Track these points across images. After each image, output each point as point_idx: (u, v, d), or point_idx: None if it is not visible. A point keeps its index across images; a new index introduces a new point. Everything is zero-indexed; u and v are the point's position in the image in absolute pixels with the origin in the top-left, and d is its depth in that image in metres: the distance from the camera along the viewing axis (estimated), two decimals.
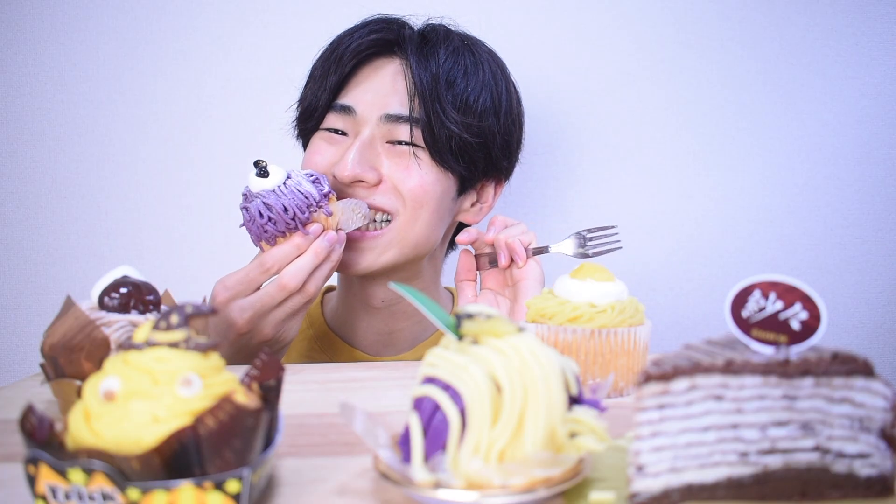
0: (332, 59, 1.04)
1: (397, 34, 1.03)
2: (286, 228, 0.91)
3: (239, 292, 0.92)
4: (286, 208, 0.90)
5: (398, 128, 1.00)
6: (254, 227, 0.92)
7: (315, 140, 1.05)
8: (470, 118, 1.00)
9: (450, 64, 1.01)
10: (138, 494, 0.43)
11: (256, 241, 0.94)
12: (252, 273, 0.92)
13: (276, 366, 0.51)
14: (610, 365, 0.72)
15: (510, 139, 1.07)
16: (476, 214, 1.12)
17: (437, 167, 1.01)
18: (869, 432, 0.48)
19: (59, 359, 0.65)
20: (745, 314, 0.49)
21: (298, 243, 0.92)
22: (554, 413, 0.48)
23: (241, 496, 0.44)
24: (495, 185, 1.12)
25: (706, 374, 0.47)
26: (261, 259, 0.92)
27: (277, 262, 0.91)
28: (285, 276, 0.91)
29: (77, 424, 0.46)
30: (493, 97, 1.04)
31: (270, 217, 0.90)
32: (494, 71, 1.05)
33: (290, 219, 0.91)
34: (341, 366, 0.92)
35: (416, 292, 0.54)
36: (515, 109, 1.08)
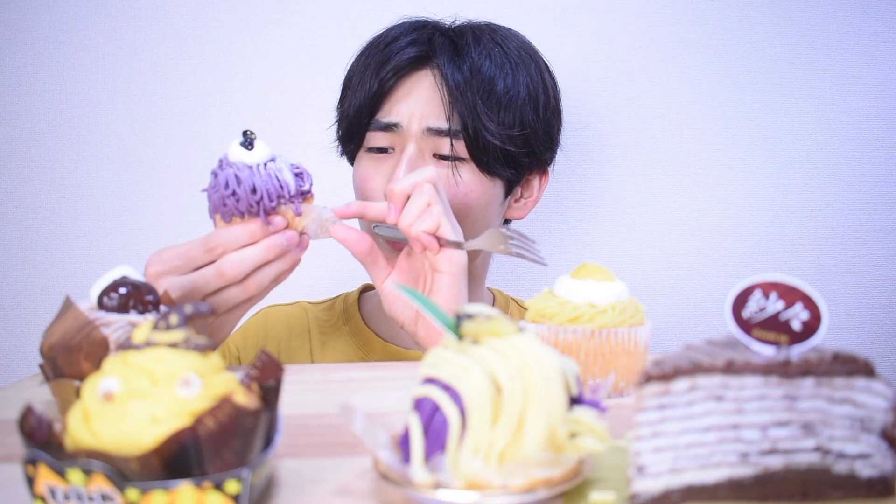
0: (368, 73, 1.03)
1: (428, 45, 1.02)
2: (247, 210, 0.81)
3: (174, 267, 0.81)
4: (255, 189, 0.81)
5: (442, 141, 1.00)
6: (214, 196, 0.82)
7: (362, 162, 1.05)
8: (510, 120, 1.00)
9: (484, 68, 1.00)
10: (137, 495, 0.43)
11: (212, 212, 0.84)
12: (193, 250, 0.81)
13: (276, 366, 0.51)
14: (610, 365, 0.72)
15: (551, 130, 1.07)
16: (521, 209, 1.12)
17: (483, 176, 1.01)
18: (870, 433, 0.48)
19: (58, 359, 0.65)
20: (746, 314, 0.49)
21: (253, 230, 0.81)
22: (554, 413, 0.48)
23: (240, 497, 0.44)
24: (540, 176, 1.11)
25: (707, 374, 0.47)
26: (207, 237, 0.82)
27: (224, 244, 0.81)
28: (226, 263, 0.81)
29: (76, 425, 0.46)
30: (531, 90, 1.03)
31: (235, 192, 0.81)
32: (528, 64, 1.04)
33: (256, 201, 0.81)
34: (341, 366, 0.92)
35: (416, 292, 0.54)
36: (553, 98, 1.07)
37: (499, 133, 0.99)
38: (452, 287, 0.88)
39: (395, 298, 0.91)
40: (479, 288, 1.15)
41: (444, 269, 0.89)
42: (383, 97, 1.02)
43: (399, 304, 0.91)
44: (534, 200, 1.12)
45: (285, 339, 1.16)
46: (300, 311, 1.19)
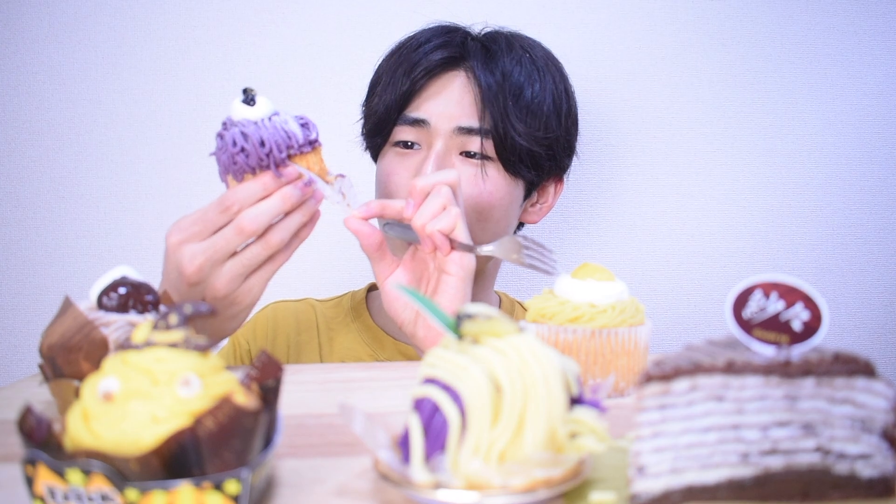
0: (399, 73, 1.04)
1: (461, 48, 1.05)
2: (258, 164, 0.80)
3: (193, 234, 0.80)
4: (263, 142, 0.80)
5: (470, 139, 1.02)
6: (224, 157, 0.81)
7: (387, 157, 1.06)
8: (536, 126, 1.03)
9: (515, 74, 1.03)
10: (137, 495, 0.43)
11: (222, 174, 0.83)
12: (210, 212, 0.80)
13: (276, 366, 0.51)
14: (610, 365, 0.72)
15: (571, 138, 1.10)
16: (536, 214, 1.14)
17: (508, 177, 1.04)
18: (870, 433, 0.48)
19: (58, 359, 0.65)
20: (747, 314, 0.49)
21: (266, 182, 0.80)
22: (554, 413, 0.48)
23: (240, 497, 0.44)
24: (555, 184, 1.14)
25: (707, 374, 0.47)
26: (221, 197, 0.80)
27: (239, 201, 0.80)
28: (245, 218, 0.79)
29: (75, 425, 0.45)
30: (556, 100, 1.06)
31: (244, 148, 0.80)
32: (554, 74, 1.08)
33: (265, 154, 0.80)
34: (341, 366, 0.92)
35: (416, 292, 0.54)
36: (574, 109, 1.11)
37: (526, 135, 1.02)
38: (459, 290, 0.88)
39: (396, 298, 0.92)
40: (487, 291, 1.15)
41: (452, 271, 0.88)
42: (413, 95, 1.04)
43: (399, 304, 0.92)
44: (548, 206, 1.15)
45: (294, 334, 1.16)
46: (307, 308, 1.19)
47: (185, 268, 0.80)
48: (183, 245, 0.80)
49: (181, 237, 0.80)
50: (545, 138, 1.04)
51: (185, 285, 0.81)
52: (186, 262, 0.80)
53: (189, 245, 0.80)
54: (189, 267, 0.80)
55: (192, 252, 0.80)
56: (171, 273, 0.82)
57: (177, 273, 0.81)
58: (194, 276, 0.80)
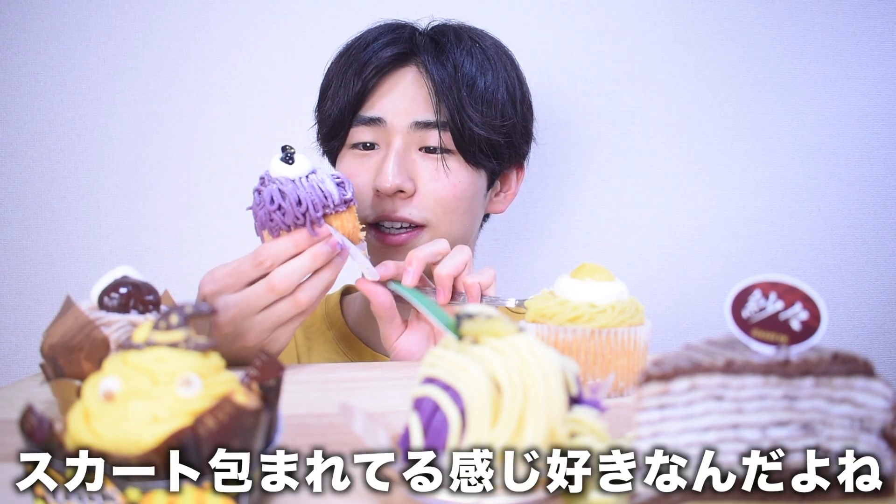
0: (349, 74, 1.04)
1: (409, 44, 1.04)
2: (293, 222, 0.83)
3: (227, 286, 0.84)
4: (300, 201, 0.83)
5: (428, 134, 1.02)
6: (261, 212, 0.85)
7: (345, 159, 1.06)
8: (493, 115, 1.03)
9: (467, 65, 1.03)
10: (138, 494, 0.43)
11: (259, 229, 0.87)
12: (244, 266, 0.84)
13: (276, 366, 0.51)
14: (610, 365, 0.72)
15: (528, 124, 1.10)
16: (501, 203, 1.15)
17: (469, 168, 1.04)
18: (869, 433, 0.48)
19: (59, 359, 0.65)
20: (746, 314, 0.49)
21: (298, 240, 0.83)
22: (554, 413, 0.48)
23: (240, 496, 0.44)
24: (517, 171, 1.14)
25: (706, 374, 0.47)
26: (256, 252, 0.84)
27: (272, 256, 0.83)
28: (276, 276, 0.82)
29: (77, 424, 0.46)
30: (509, 88, 1.06)
31: (281, 206, 0.83)
32: (505, 62, 1.08)
33: (301, 213, 0.83)
34: (341, 366, 0.92)
35: (415, 292, 0.54)
36: (527, 95, 1.11)
37: (484, 124, 1.02)
38: None
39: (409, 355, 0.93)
40: None
41: None
42: (366, 94, 1.04)
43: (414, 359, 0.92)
44: (512, 194, 1.15)
45: None
46: None
47: (218, 318, 0.83)
48: (216, 296, 0.84)
49: (215, 288, 0.84)
50: (502, 126, 1.04)
51: (217, 334, 0.83)
52: (220, 312, 0.83)
53: (223, 297, 0.84)
54: (222, 318, 0.83)
55: (226, 304, 0.83)
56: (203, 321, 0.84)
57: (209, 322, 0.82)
58: (227, 326, 0.83)
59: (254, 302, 0.83)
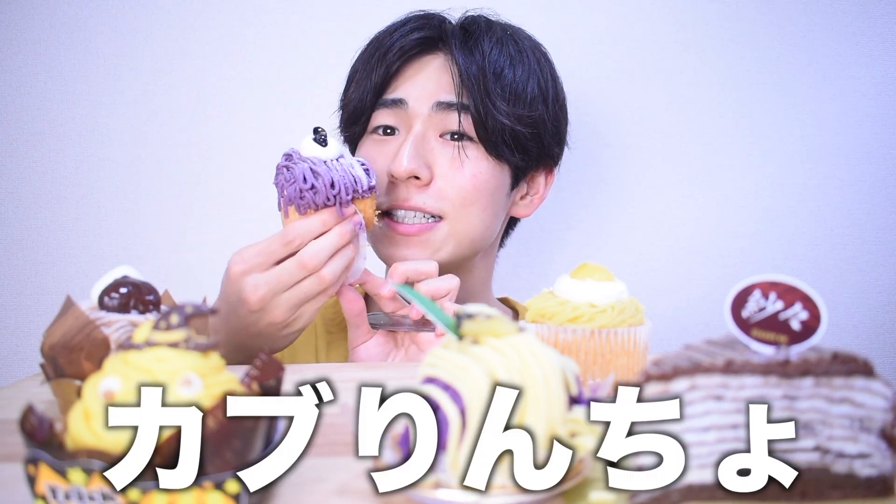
0: (374, 59, 1.03)
1: (439, 30, 1.03)
2: (323, 203, 0.87)
3: (256, 265, 0.86)
4: (334, 183, 0.86)
5: (450, 117, 0.99)
6: (291, 189, 0.87)
7: (365, 145, 1.05)
8: (520, 108, 1.00)
9: (495, 55, 1.00)
10: (138, 494, 0.43)
11: (284, 205, 0.89)
12: (273, 245, 0.87)
13: (276, 366, 0.51)
14: (610, 365, 0.72)
15: (559, 126, 1.07)
16: (527, 207, 1.11)
17: (492, 160, 1.00)
18: (869, 432, 0.48)
19: (59, 359, 0.65)
20: (746, 314, 0.49)
21: (325, 219, 0.87)
22: (554, 413, 0.48)
23: (240, 496, 0.44)
24: (546, 174, 1.10)
25: (706, 374, 0.47)
26: (284, 231, 0.87)
27: (300, 235, 0.86)
28: (306, 254, 0.86)
29: (77, 424, 0.46)
30: (541, 84, 1.03)
31: (314, 185, 0.86)
32: (538, 58, 1.05)
33: (334, 195, 0.87)
34: (341, 366, 0.92)
35: (416, 292, 0.54)
36: (561, 95, 1.09)
37: (508, 113, 0.98)
38: None
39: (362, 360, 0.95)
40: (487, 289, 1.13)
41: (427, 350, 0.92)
42: (390, 79, 1.03)
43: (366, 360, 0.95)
44: (539, 198, 1.11)
45: None
46: None
47: (248, 296, 0.86)
48: (246, 275, 0.86)
49: (244, 267, 0.86)
50: (529, 118, 1.00)
51: (246, 311, 0.87)
52: (249, 291, 0.86)
53: (252, 275, 0.86)
54: (252, 296, 0.86)
55: (256, 282, 0.86)
56: (230, 298, 0.88)
57: (237, 300, 0.87)
58: (256, 304, 0.86)
59: (285, 279, 0.86)
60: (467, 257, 1.04)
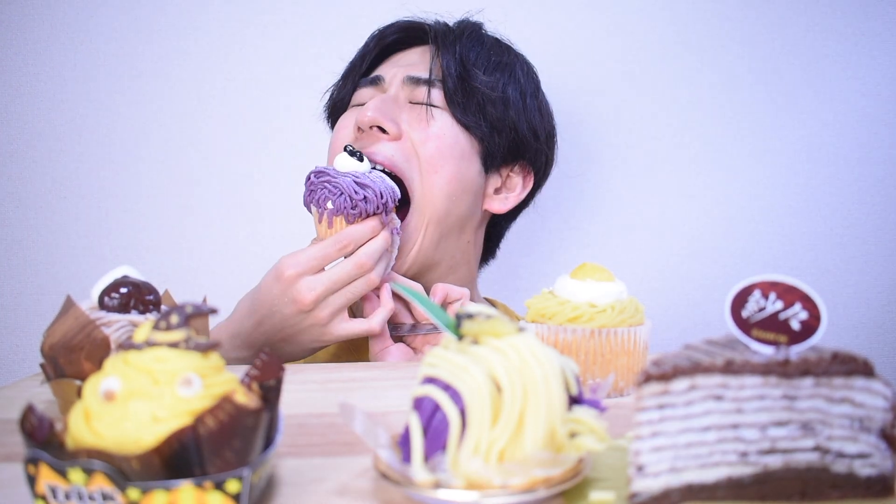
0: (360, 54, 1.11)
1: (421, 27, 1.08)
2: (374, 211, 0.93)
3: (311, 268, 0.91)
4: (382, 194, 0.93)
5: (419, 89, 1.04)
6: (340, 201, 0.92)
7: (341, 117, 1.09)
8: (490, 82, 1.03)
9: (476, 49, 1.05)
10: (138, 494, 0.43)
11: (331, 215, 0.94)
12: (328, 249, 0.92)
13: (277, 366, 0.51)
14: (610, 365, 0.72)
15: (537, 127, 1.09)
16: (502, 203, 1.11)
17: (459, 128, 1.03)
18: (869, 432, 0.48)
19: (59, 359, 0.65)
20: (745, 314, 0.49)
21: (374, 226, 0.94)
22: (554, 413, 0.48)
23: (241, 496, 0.44)
24: (524, 176, 1.12)
25: (706, 374, 0.47)
26: (338, 237, 0.92)
27: (355, 241, 0.93)
28: (363, 256, 0.92)
29: (77, 424, 0.46)
30: (519, 85, 1.07)
31: (366, 196, 0.92)
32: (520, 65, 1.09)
33: (382, 203, 0.94)
34: (341, 366, 0.92)
35: (416, 292, 0.54)
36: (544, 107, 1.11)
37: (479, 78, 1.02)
38: None
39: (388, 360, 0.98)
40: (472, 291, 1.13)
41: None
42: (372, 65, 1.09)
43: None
44: (515, 197, 1.12)
45: None
46: None
47: (303, 297, 0.90)
48: (300, 277, 0.91)
49: (300, 270, 0.91)
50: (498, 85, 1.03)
51: (294, 311, 0.91)
52: (305, 291, 0.90)
53: (307, 277, 0.91)
54: (308, 296, 0.90)
55: (311, 283, 0.90)
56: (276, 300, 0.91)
57: (288, 300, 0.90)
58: (311, 304, 0.90)
59: (341, 279, 0.91)
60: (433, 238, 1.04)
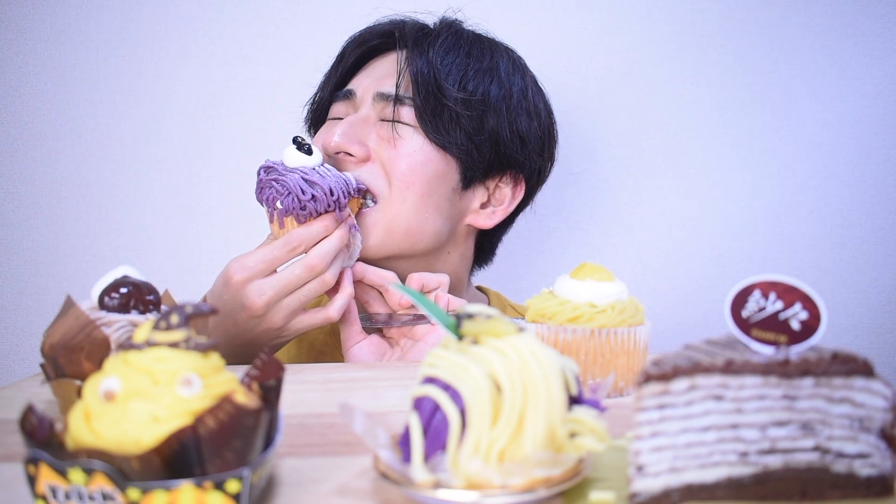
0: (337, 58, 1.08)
1: (400, 27, 1.04)
2: (325, 210, 0.89)
3: (259, 271, 0.87)
4: (332, 190, 0.89)
5: (389, 106, 0.99)
6: (288, 201, 0.88)
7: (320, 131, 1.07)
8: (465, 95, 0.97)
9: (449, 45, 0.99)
10: (138, 494, 0.43)
11: (281, 216, 0.90)
12: (276, 251, 0.88)
13: (276, 366, 0.51)
14: (610, 365, 0.72)
15: (526, 135, 1.02)
16: (488, 218, 1.05)
17: (433, 146, 0.97)
18: (869, 432, 0.48)
19: (59, 359, 0.65)
20: (745, 314, 0.49)
21: (328, 224, 0.90)
22: (554, 413, 0.48)
23: (241, 496, 0.44)
24: (513, 186, 1.05)
25: (706, 374, 0.47)
26: (287, 238, 0.88)
27: (305, 240, 0.88)
28: (313, 257, 0.88)
29: (77, 424, 0.46)
30: (502, 86, 1.00)
31: (314, 195, 0.88)
32: (508, 67, 1.03)
33: (333, 201, 0.89)
34: (341, 366, 0.92)
35: (416, 292, 0.54)
36: (534, 107, 1.04)
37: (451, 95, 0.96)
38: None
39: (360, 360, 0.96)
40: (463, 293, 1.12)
41: (429, 340, 0.94)
42: (347, 75, 1.06)
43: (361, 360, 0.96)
44: (504, 210, 1.06)
45: None
46: None
47: (252, 302, 0.87)
48: (249, 282, 0.87)
49: (248, 274, 0.87)
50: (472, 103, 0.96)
51: (246, 316, 0.88)
52: (254, 296, 0.87)
53: (256, 282, 0.87)
54: (257, 301, 0.87)
55: (261, 288, 0.87)
56: (227, 305, 0.88)
57: (239, 306, 0.87)
58: (261, 309, 0.87)
59: (291, 282, 0.88)
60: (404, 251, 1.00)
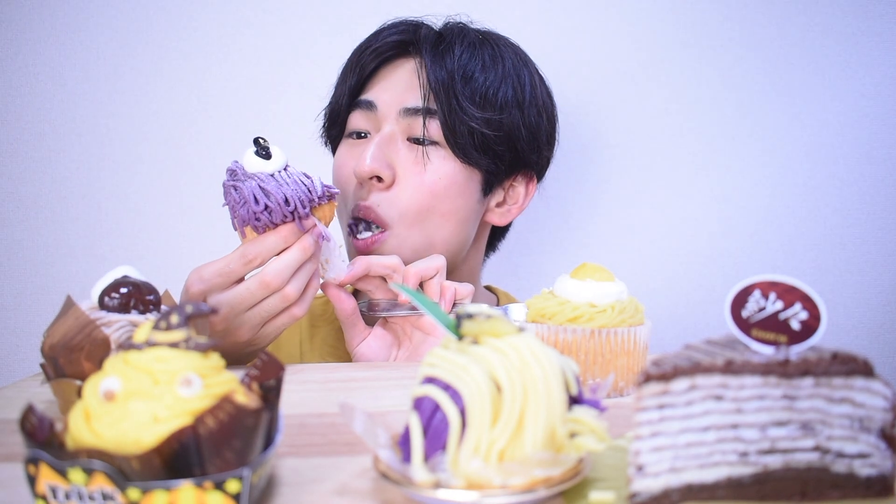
0: (352, 63, 1.06)
1: (414, 34, 1.03)
2: (281, 221, 0.82)
3: (216, 285, 0.83)
4: (287, 200, 0.81)
5: (417, 122, 0.99)
6: (243, 211, 0.82)
7: (340, 149, 1.06)
8: (490, 111, 0.99)
9: (466, 58, 1.00)
10: (138, 494, 0.43)
11: (240, 225, 0.84)
12: (232, 264, 0.83)
13: (276, 366, 0.51)
14: (610, 365, 0.72)
15: (537, 132, 1.05)
16: (503, 216, 1.08)
17: (459, 164, 0.99)
18: (869, 432, 0.48)
19: (60, 359, 0.65)
20: (745, 314, 0.49)
21: (286, 236, 0.83)
22: (554, 413, 0.48)
23: (241, 496, 0.44)
24: (526, 183, 1.08)
25: (706, 374, 0.47)
26: (243, 250, 0.83)
27: (261, 254, 0.83)
28: (269, 273, 0.82)
29: (77, 424, 0.46)
30: (516, 89, 1.02)
31: (267, 205, 0.81)
32: (516, 63, 1.04)
33: (290, 211, 0.82)
34: (341, 366, 0.92)
35: (416, 292, 0.54)
36: (542, 101, 1.06)
37: (476, 116, 0.97)
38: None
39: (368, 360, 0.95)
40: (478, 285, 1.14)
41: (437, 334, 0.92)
42: (365, 81, 1.04)
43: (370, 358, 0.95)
44: (518, 207, 1.09)
45: None
46: None
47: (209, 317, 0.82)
48: (205, 295, 0.83)
49: (204, 287, 0.83)
50: (499, 122, 0.99)
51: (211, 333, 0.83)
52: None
53: (213, 296, 0.83)
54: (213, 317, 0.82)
55: (217, 302, 0.83)
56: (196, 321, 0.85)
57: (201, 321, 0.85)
58: (219, 324, 0.83)
59: (246, 298, 0.83)
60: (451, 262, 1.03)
